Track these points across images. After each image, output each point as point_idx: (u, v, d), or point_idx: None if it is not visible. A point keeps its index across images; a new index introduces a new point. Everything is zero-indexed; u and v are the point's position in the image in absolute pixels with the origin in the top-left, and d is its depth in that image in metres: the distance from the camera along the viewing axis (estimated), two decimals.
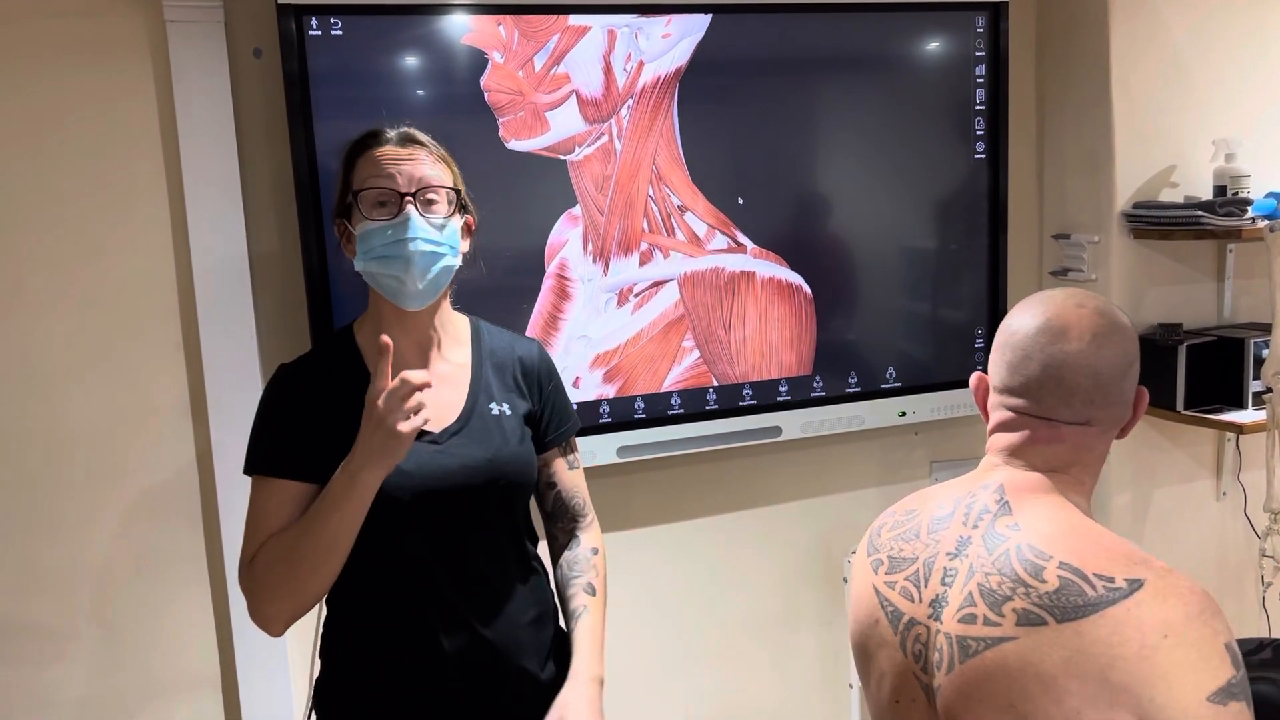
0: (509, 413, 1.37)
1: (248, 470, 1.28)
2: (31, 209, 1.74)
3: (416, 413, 1.18)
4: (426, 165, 1.30)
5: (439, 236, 1.28)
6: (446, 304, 1.39)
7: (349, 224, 1.31)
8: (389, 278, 1.27)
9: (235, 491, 1.84)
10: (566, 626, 1.42)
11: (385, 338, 1.19)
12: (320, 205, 1.80)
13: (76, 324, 1.78)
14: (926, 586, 1.05)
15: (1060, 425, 1.03)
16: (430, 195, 1.29)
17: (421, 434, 1.27)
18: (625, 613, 2.00)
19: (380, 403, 1.16)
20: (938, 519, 1.09)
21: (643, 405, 2.08)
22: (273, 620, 1.24)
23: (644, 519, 2.22)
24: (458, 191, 1.33)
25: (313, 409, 1.28)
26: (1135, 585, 0.89)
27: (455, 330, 1.40)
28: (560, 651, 1.42)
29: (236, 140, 1.81)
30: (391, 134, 1.31)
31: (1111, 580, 0.90)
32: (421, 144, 1.32)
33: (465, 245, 1.36)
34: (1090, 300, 1.05)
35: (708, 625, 2.30)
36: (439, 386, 1.32)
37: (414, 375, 1.17)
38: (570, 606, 1.40)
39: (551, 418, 1.44)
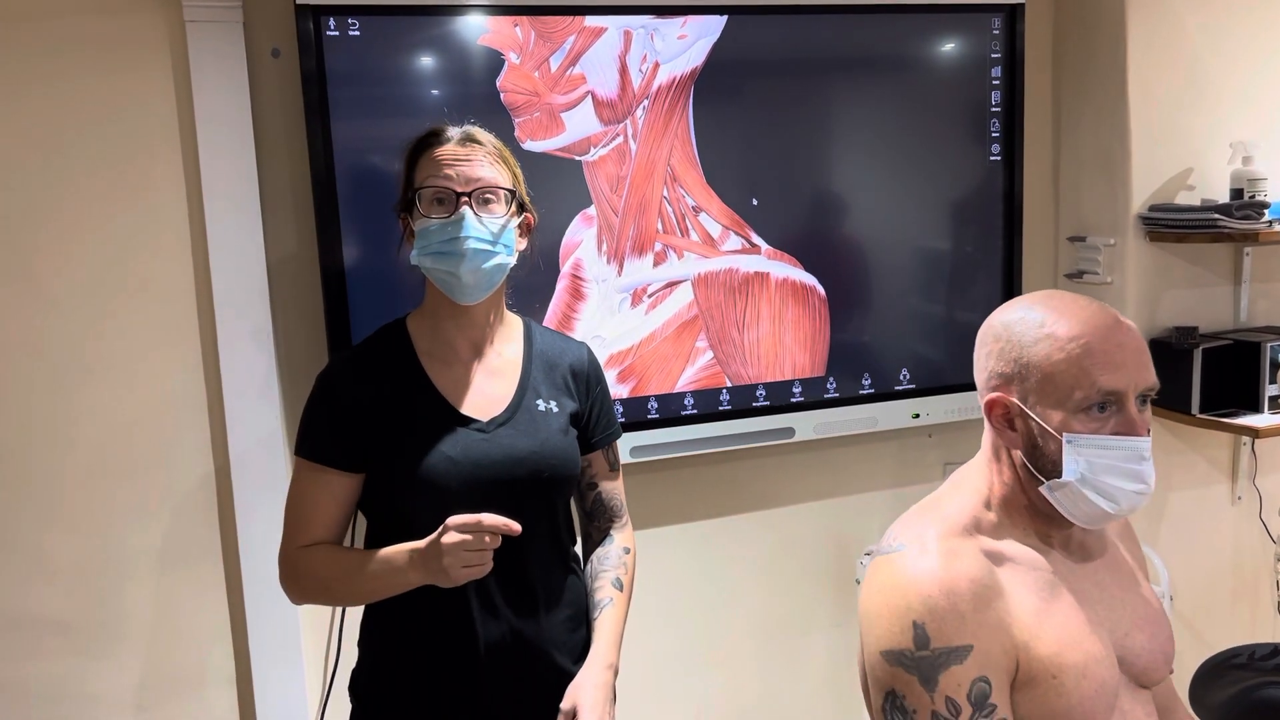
0: (555, 410, 1.39)
1: (297, 451, 1.34)
2: (50, 208, 1.76)
3: (479, 568, 1.21)
4: (484, 166, 1.33)
5: (492, 235, 1.31)
6: (501, 301, 1.42)
7: (410, 219, 1.35)
8: (443, 273, 1.31)
9: (252, 489, 1.85)
10: (590, 616, 1.44)
11: (514, 525, 1.21)
12: (338, 206, 1.81)
13: (95, 322, 1.79)
14: None
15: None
16: (487, 195, 1.32)
17: (469, 422, 1.33)
18: (637, 612, 1.99)
19: (452, 541, 1.19)
20: None
21: (656, 405, 2.08)
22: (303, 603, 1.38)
23: (656, 519, 2.22)
24: (513, 192, 1.36)
25: (362, 401, 1.32)
26: (897, 549, 1.07)
27: (508, 328, 1.44)
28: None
29: (254, 140, 1.82)
30: (453, 133, 1.34)
31: (894, 540, 1.09)
32: (480, 144, 1.35)
33: (523, 244, 1.40)
34: (1045, 294, 1.11)
35: (719, 626, 2.30)
36: (489, 378, 1.37)
37: (497, 522, 1.19)
38: (596, 597, 1.43)
39: (599, 419, 1.47)
